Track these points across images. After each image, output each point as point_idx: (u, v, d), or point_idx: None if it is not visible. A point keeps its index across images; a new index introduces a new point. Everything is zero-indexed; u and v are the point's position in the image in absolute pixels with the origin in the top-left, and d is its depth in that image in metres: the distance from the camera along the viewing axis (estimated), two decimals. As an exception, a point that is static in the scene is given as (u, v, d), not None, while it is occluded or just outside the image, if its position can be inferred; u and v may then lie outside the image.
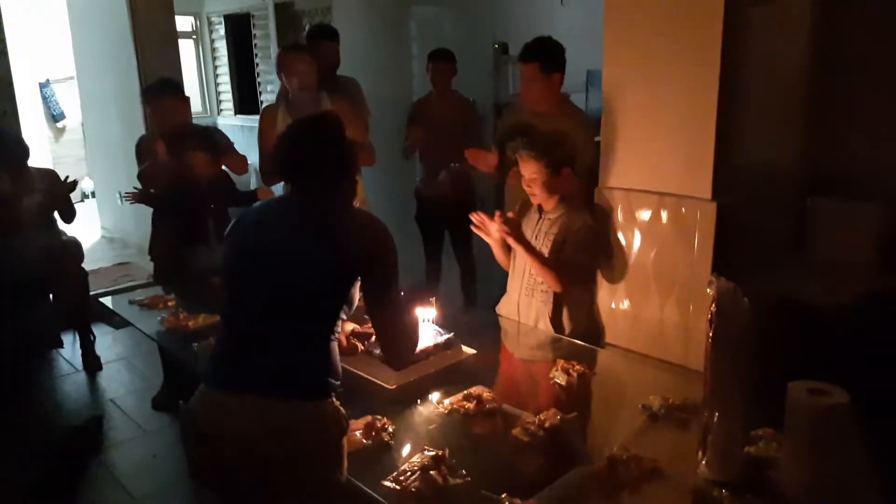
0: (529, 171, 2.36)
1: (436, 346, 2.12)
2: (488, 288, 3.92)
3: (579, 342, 2.33)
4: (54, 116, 8.55)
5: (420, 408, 1.89)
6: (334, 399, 1.58)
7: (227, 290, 1.67)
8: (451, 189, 4.06)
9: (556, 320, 2.44)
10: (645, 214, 2.26)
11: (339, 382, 1.61)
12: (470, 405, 1.85)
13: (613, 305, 2.39)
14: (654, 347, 2.28)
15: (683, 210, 2.16)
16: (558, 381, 2.01)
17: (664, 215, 2.21)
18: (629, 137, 2.28)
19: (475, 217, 2.48)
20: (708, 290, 1.51)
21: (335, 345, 1.62)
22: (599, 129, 2.46)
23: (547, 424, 1.73)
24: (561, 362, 2.07)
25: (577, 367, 2.05)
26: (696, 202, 2.12)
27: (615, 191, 2.34)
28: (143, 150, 3.49)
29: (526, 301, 2.51)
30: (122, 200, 3.48)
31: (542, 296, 2.45)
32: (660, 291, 2.26)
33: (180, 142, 3.28)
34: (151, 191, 3.46)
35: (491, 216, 2.42)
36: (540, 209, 2.47)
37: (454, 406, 1.85)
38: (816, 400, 1.43)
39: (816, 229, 2.39)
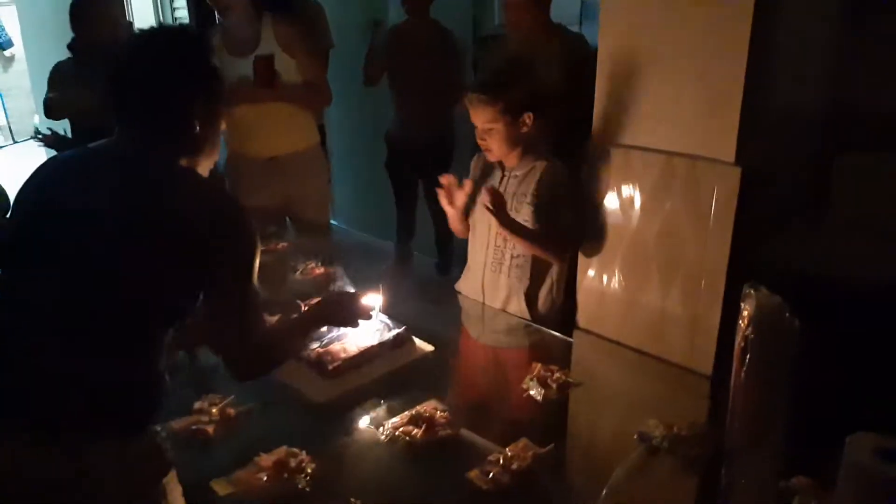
0: (482, 120, 1.90)
1: (381, 344, 1.69)
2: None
3: (558, 335, 1.93)
4: (1, 44, 7.84)
5: (354, 433, 1.47)
6: (156, 431, 1.24)
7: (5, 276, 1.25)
8: (425, 132, 3.59)
9: (531, 299, 2.02)
10: (648, 178, 1.79)
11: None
12: (417, 431, 1.43)
13: (603, 288, 1.95)
14: (652, 343, 1.86)
15: (697, 174, 1.70)
16: (533, 394, 1.59)
17: (672, 180, 1.75)
18: (631, 82, 1.79)
19: (444, 180, 2.01)
20: (742, 305, 1.09)
21: (163, 361, 1.23)
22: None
23: (514, 465, 1.32)
24: (538, 368, 1.66)
25: (558, 374, 1.64)
26: (715, 165, 1.66)
27: (611, 147, 1.86)
28: (57, 77, 3.00)
29: (492, 277, 2.06)
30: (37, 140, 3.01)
31: (516, 271, 2.02)
32: (663, 275, 1.82)
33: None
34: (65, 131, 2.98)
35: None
36: (501, 166, 2.01)
37: (397, 432, 1.43)
38: (887, 469, 1.01)
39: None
